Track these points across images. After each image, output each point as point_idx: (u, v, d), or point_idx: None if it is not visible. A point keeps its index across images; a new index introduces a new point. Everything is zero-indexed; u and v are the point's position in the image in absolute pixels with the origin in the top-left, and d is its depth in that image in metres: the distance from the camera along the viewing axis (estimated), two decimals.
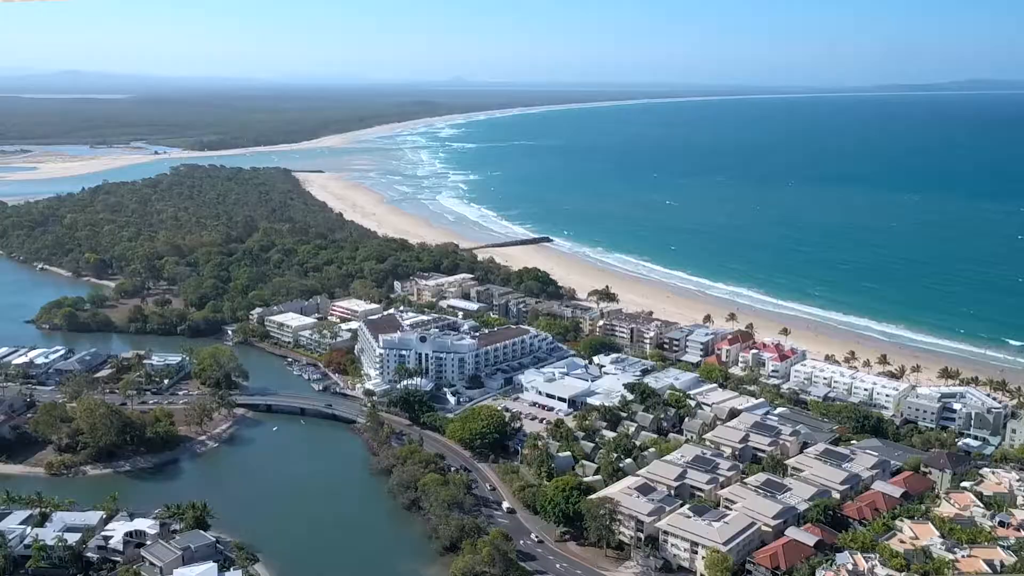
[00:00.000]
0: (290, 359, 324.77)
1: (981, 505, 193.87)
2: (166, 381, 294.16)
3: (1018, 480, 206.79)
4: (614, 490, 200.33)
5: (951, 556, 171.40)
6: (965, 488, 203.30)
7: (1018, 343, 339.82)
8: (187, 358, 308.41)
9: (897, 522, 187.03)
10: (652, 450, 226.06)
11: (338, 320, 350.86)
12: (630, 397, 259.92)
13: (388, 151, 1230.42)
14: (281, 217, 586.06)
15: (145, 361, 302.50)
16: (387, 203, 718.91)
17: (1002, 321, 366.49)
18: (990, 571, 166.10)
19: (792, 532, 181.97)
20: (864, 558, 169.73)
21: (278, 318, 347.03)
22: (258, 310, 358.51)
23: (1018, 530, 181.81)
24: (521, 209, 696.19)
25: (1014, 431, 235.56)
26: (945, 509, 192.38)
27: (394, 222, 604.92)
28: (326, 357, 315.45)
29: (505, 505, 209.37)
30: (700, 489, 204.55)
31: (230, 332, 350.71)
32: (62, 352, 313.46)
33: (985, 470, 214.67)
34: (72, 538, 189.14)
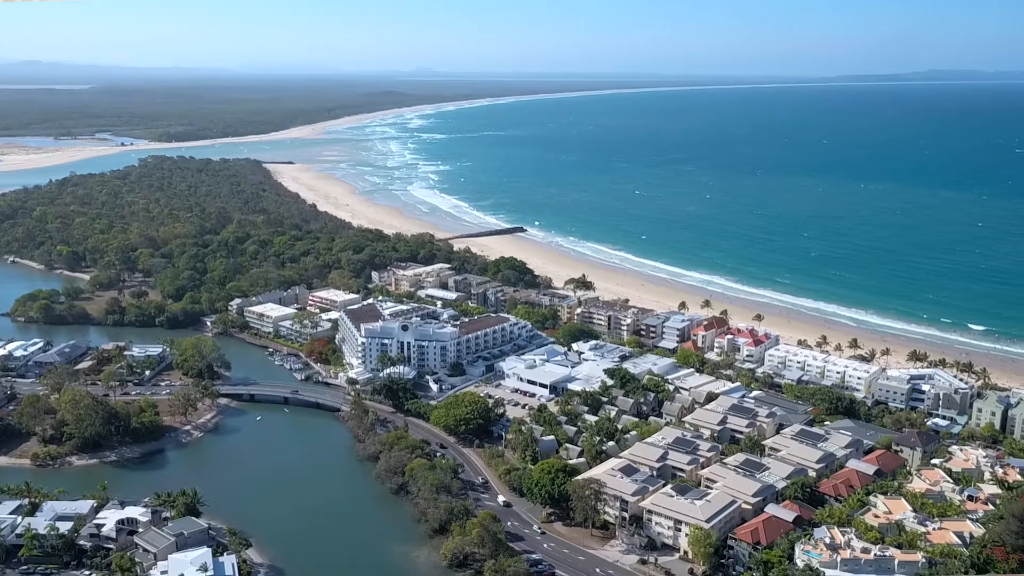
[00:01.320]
0: (271, 349, 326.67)
1: (950, 481, 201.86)
2: (148, 372, 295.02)
3: (985, 456, 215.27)
4: (599, 471, 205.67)
5: (923, 529, 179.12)
6: (935, 465, 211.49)
7: (980, 328, 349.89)
8: (168, 349, 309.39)
9: (871, 498, 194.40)
10: (633, 433, 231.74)
11: (317, 310, 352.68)
12: (610, 382, 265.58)
13: (358, 142, 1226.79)
14: (254, 208, 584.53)
15: (126, 352, 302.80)
16: (360, 194, 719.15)
17: (964, 307, 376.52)
18: (960, 543, 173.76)
19: (771, 509, 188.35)
20: (840, 532, 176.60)
21: (257, 309, 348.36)
22: (237, 301, 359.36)
23: (986, 504, 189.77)
24: (493, 199, 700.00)
25: (980, 410, 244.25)
26: (916, 485, 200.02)
27: (368, 213, 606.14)
28: (307, 347, 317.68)
29: (501, 499, 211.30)
30: (681, 470, 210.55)
31: (209, 323, 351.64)
32: (40, 344, 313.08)
33: (953, 447, 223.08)
34: (64, 527, 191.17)
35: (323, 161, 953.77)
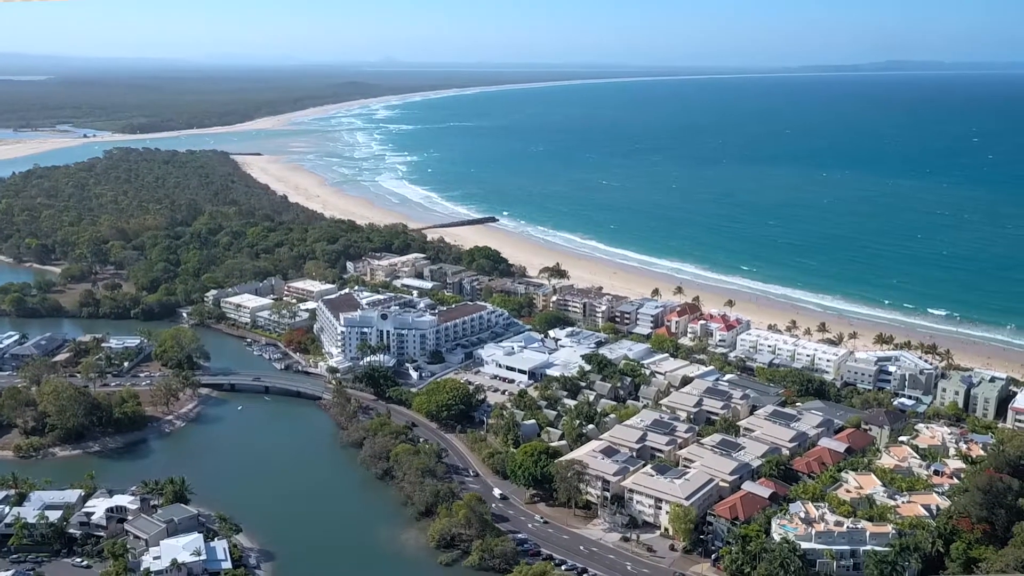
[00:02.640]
0: (249, 339, 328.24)
1: (917, 457, 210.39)
2: (126, 363, 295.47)
3: (949, 433, 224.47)
4: (580, 453, 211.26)
5: (892, 502, 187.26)
6: (902, 442, 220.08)
7: (941, 312, 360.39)
8: (146, 340, 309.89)
9: (842, 474, 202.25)
10: (612, 416, 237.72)
11: (294, 300, 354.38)
12: (588, 367, 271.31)
13: (325, 133, 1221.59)
14: (224, 200, 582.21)
15: (104, 344, 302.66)
16: (329, 185, 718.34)
17: (925, 292, 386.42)
18: (928, 515, 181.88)
19: (748, 486, 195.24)
20: (814, 507, 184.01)
21: (234, 299, 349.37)
22: (213, 292, 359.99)
23: (951, 478, 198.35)
24: (462, 190, 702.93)
25: (944, 390, 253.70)
26: (885, 461, 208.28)
27: (339, 204, 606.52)
28: (286, 336, 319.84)
29: (497, 492, 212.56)
30: (660, 450, 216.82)
31: (185, 315, 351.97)
32: (16, 337, 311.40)
33: (920, 425, 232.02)
34: (53, 516, 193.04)
35: (291, 152, 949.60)
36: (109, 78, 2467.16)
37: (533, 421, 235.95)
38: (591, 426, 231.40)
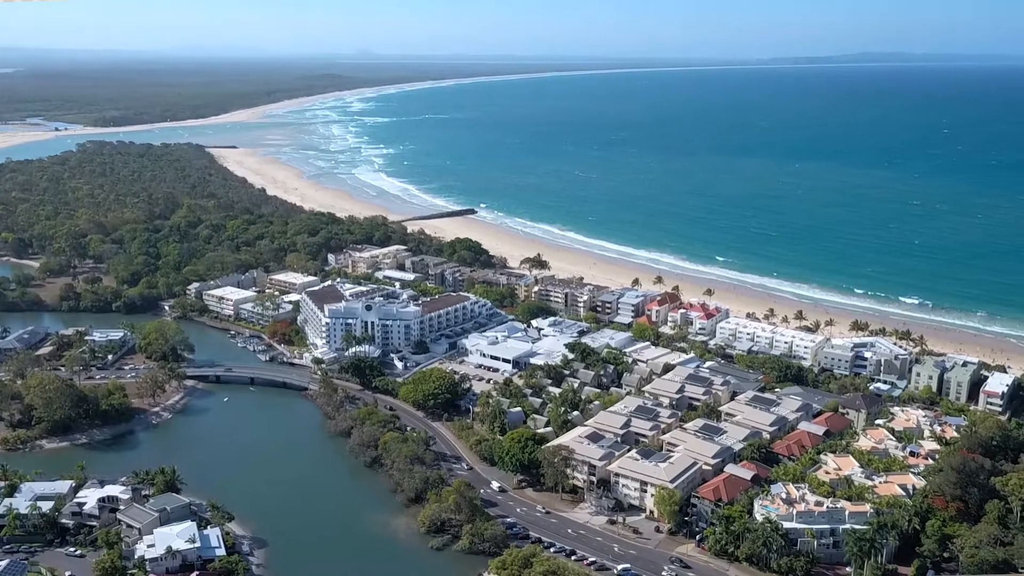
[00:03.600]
0: (233, 332, 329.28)
1: (893, 439, 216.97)
2: (110, 356, 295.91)
3: (924, 416, 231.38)
4: (566, 439, 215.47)
5: (870, 483, 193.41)
6: (879, 425, 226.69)
7: (914, 300, 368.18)
8: (129, 333, 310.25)
9: (821, 456, 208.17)
10: (596, 403, 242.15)
11: (277, 293, 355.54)
12: (571, 356, 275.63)
13: (300, 126, 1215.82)
14: (202, 193, 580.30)
15: (87, 337, 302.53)
16: (307, 178, 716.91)
17: (898, 281, 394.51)
18: (904, 494, 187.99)
19: (730, 468, 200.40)
20: (795, 488, 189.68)
21: (217, 292, 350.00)
22: (195, 285, 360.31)
23: (926, 459, 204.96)
24: (440, 182, 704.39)
25: (918, 375, 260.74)
26: (862, 443, 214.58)
27: (317, 197, 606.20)
28: (270, 328, 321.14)
29: (496, 485, 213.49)
30: (644, 435, 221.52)
31: (167, 308, 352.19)
32: None
33: (895, 409, 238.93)
34: (45, 506, 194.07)
35: (267, 145, 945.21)
36: (78, 70, 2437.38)
37: (519, 409, 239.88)
38: (576, 413, 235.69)
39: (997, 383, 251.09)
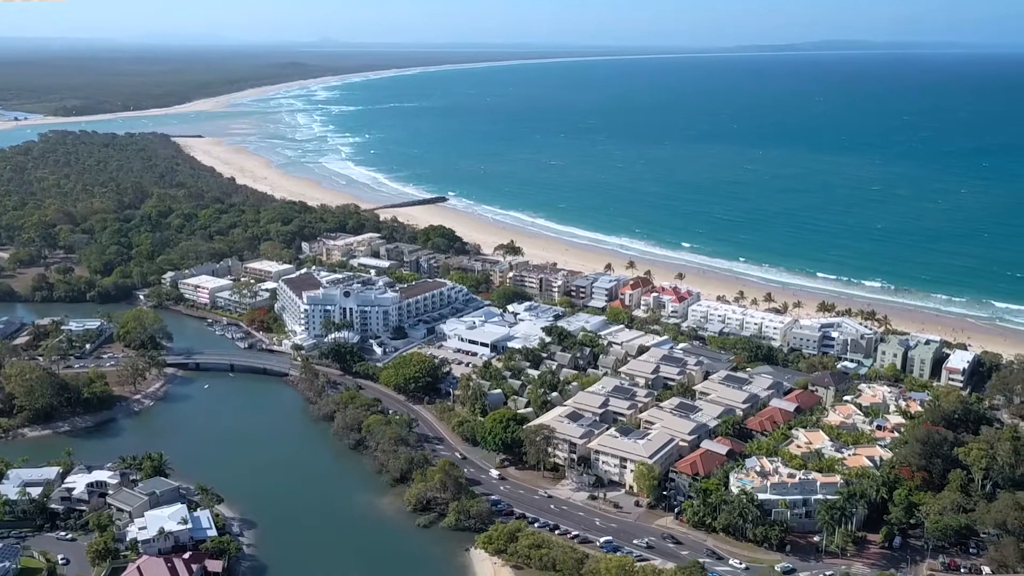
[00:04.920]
0: (210, 320, 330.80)
1: (861, 414, 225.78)
2: (88, 345, 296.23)
3: (889, 392, 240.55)
4: (547, 419, 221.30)
5: (839, 455, 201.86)
6: (847, 401, 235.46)
7: (876, 283, 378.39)
8: (106, 323, 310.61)
9: (793, 431, 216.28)
10: (575, 384, 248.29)
11: (253, 281, 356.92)
12: (548, 339, 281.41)
13: (265, 115, 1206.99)
14: (171, 183, 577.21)
15: (63, 327, 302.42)
16: (276, 167, 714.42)
17: (861, 264, 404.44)
18: (872, 465, 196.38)
19: (706, 444, 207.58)
20: (769, 461, 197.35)
21: (192, 281, 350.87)
22: (170, 274, 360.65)
23: (892, 432, 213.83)
24: (409, 171, 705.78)
25: (883, 353, 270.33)
26: (832, 418, 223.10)
27: (287, 185, 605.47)
28: (248, 316, 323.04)
29: (494, 472, 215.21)
30: (622, 414, 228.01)
31: (142, 297, 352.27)
32: None
33: (862, 386, 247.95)
34: (34, 492, 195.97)
35: (233, 134, 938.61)
36: (36, 59, 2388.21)
37: (499, 390, 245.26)
38: (555, 394, 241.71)
39: (958, 360, 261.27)
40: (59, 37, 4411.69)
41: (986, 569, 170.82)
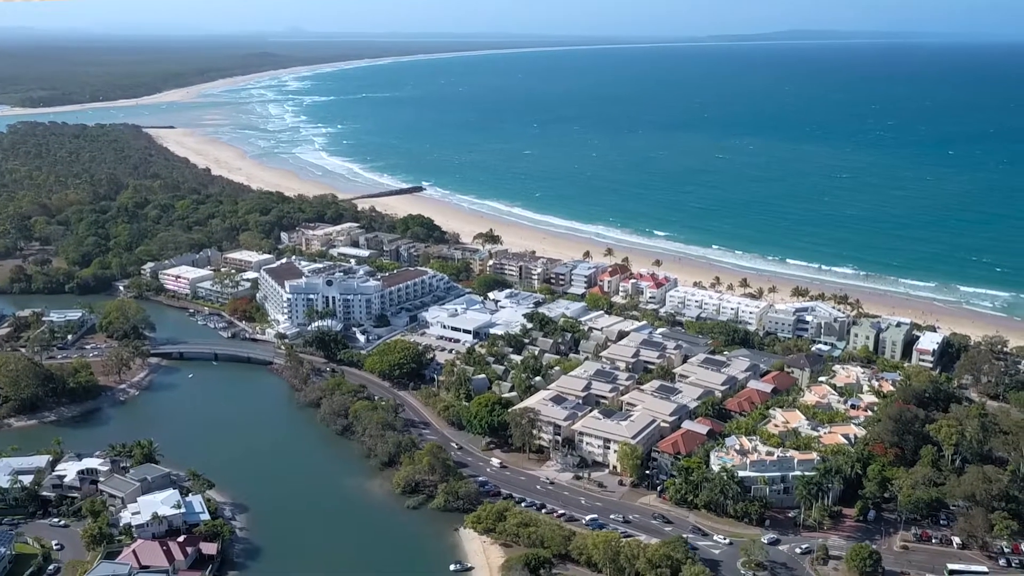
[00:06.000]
0: (192, 310, 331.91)
1: (835, 394, 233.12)
2: (70, 336, 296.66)
3: (863, 373, 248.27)
4: (531, 402, 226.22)
5: (815, 434, 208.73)
6: (822, 382, 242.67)
7: (847, 269, 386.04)
8: (87, 313, 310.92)
9: (770, 411, 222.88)
10: (557, 368, 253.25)
11: (234, 271, 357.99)
12: (530, 325, 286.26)
13: (237, 105, 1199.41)
14: (145, 174, 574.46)
15: (45, 318, 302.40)
16: (250, 158, 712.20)
17: (831, 251, 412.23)
18: (847, 442, 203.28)
19: (687, 424, 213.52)
20: (748, 440, 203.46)
21: (173, 271, 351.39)
22: (149, 265, 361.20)
23: (866, 410, 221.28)
24: (384, 161, 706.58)
25: (856, 335, 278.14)
26: (807, 398, 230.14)
27: (263, 176, 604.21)
28: (230, 306, 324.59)
29: (495, 462, 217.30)
30: (604, 397, 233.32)
31: (122, 288, 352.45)
32: None
33: (836, 367, 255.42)
34: (25, 480, 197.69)
35: (205, 125, 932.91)
36: None
37: (483, 376, 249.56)
38: (538, 378, 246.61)
39: (928, 341, 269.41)
40: (16, 27, 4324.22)
41: (956, 539, 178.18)
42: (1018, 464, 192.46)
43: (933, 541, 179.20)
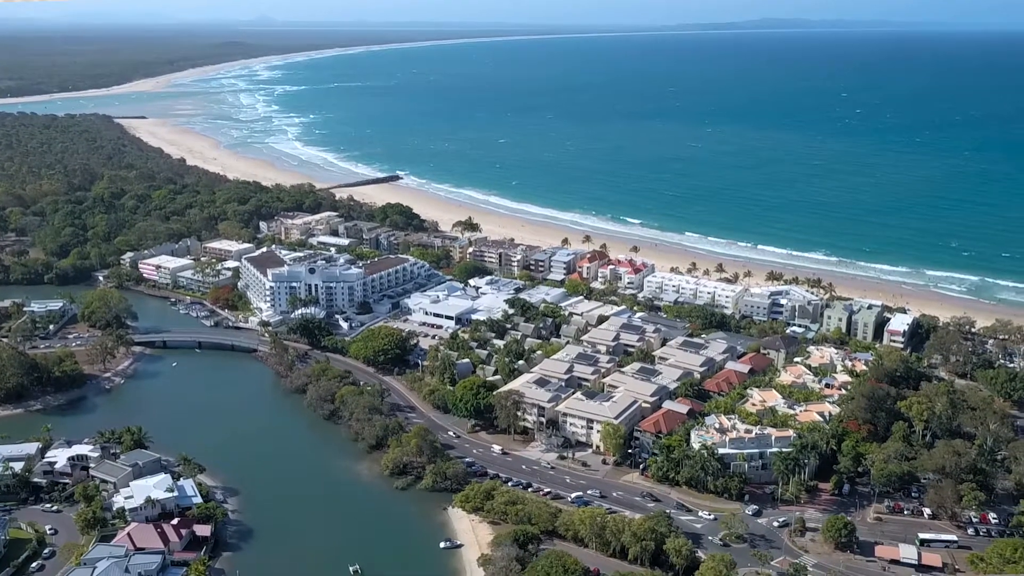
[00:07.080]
0: (174, 299, 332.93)
1: (810, 373, 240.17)
2: (52, 326, 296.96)
3: (836, 353, 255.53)
4: (515, 385, 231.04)
5: (792, 412, 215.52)
6: (797, 362, 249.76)
7: (819, 254, 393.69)
8: (69, 303, 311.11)
9: (748, 391, 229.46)
10: (539, 352, 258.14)
11: (214, 260, 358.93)
12: (511, 311, 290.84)
13: (209, 95, 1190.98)
14: (120, 164, 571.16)
15: (25, 308, 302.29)
16: (225, 147, 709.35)
17: (803, 237, 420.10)
18: (822, 420, 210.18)
19: (668, 405, 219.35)
20: (727, 419, 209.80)
21: (153, 261, 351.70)
22: (129, 255, 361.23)
23: (840, 389, 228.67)
24: (359, 151, 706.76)
25: (829, 318, 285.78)
26: (783, 378, 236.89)
27: (239, 166, 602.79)
28: (211, 295, 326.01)
29: (496, 448, 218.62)
30: (586, 379, 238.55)
31: (102, 278, 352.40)
32: None
33: (811, 348, 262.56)
34: (16, 467, 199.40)
35: (177, 115, 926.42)
36: None
37: (467, 360, 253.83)
38: (521, 362, 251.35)
39: (899, 323, 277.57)
40: None
41: (927, 510, 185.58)
42: (985, 438, 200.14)
43: (905, 512, 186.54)
